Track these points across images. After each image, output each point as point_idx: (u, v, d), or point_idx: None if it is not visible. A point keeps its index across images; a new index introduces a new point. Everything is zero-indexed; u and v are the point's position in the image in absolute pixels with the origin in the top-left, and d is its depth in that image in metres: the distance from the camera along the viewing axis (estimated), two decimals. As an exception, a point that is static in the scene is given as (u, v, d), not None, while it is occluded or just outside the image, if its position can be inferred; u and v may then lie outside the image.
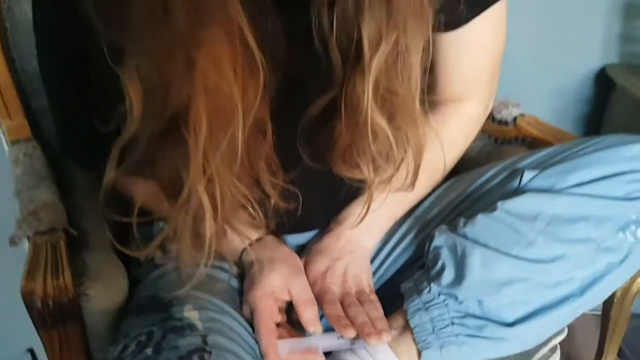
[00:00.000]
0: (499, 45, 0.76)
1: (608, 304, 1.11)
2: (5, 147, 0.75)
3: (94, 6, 0.48)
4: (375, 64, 0.56)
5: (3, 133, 0.74)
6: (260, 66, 0.53)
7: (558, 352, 0.89)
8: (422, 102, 0.63)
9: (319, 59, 0.59)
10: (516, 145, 0.86)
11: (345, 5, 0.54)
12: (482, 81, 0.78)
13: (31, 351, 1.25)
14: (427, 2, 0.56)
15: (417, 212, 0.78)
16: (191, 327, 0.58)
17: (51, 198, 0.65)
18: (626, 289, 1.08)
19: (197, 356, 0.53)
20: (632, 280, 1.06)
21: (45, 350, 0.60)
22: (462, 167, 0.84)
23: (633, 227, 0.63)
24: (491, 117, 0.90)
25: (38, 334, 0.58)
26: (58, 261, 0.57)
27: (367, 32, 0.55)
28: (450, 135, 0.77)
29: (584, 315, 0.67)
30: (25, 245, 0.63)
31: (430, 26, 0.59)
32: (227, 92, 0.52)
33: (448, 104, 0.78)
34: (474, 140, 0.88)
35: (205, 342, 0.56)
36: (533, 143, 0.84)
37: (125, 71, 0.50)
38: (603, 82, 1.20)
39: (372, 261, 0.78)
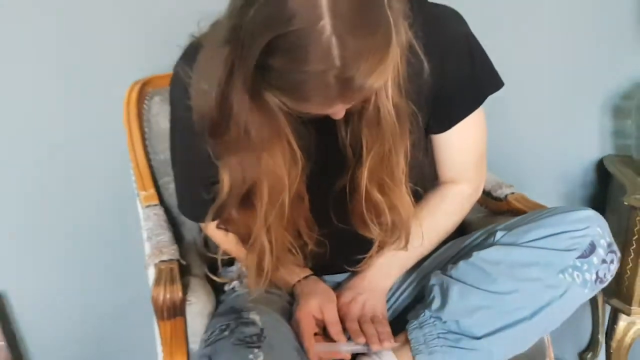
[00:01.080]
0: (480, 141, 1.02)
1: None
2: (140, 209, 1.12)
3: (207, 135, 0.80)
4: (370, 161, 0.85)
5: (140, 200, 1.11)
6: (299, 159, 0.85)
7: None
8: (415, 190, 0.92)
9: (339, 152, 0.90)
10: (507, 215, 1.11)
11: (353, 125, 0.85)
12: (470, 169, 1.03)
13: None
14: (405, 124, 0.84)
15: (423, 264, 1.06)
16: (254, 323, 0.87)
17: (169, 241, 0.99)
18: (620, 341, 1.27)
19: (256, 337, 0.83)
20: (625, 333, 1.26)
21: (160, 338, 0.92)
22: (465, 230, 1.11)
23: (570, 270, 0.88)
24: (489, 195, 1.17)
25: (157, 325, 0.91)
26: (173, 279, 0.90)
27: (366, 141, 0.85)
28: (446, 207, 1.03)
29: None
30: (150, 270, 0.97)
31: (408, 137, 0.86)
32: (280, 175, 0.84)
33: (446, 185, 1.04)
34: (476, 212, 1.16)
35: (262, 332, 0.85)
36: (519, 214, 1.08)
37: (221, 165, 0.84)
38: (603, 170, 1.43)
39: (389, 298, 1.05)
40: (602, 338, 1.39)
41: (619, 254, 0.92)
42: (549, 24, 1.40)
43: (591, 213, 0.91)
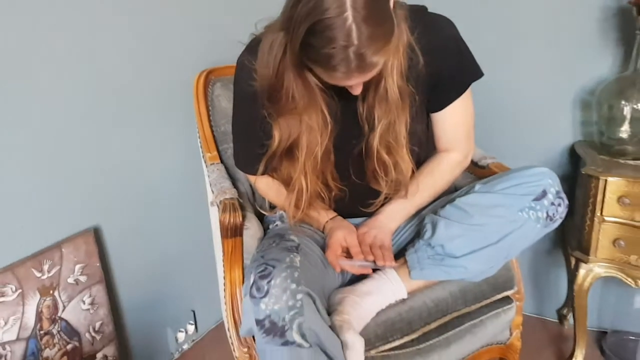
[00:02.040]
0: (468, 119, 1.31)
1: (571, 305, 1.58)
2: (204, 166, 1.47)
3: (265, 98, 1.14)
4: (380, 128, 1.17)
5: (205, 160, 1.46)
6: (329, 123, 1.17)
7: (514, 308, 1.39)
8: (412, 150, 1.24)
9: (356, 124, 1.21)
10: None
11: (368, 102, 1.16)
12: (460, 140, 1.32)
13: (193, 311, 1.86)
14: (406, 101, 1.15)
15: (421, 213, 1.35)
16: (292, 240, 1.20)
17: (230, 186, 1.33)
18: (580, 285, 1.56)
19: (294, 247, 1.15)
20: (584, 278, 1.55)
21: (223, 254, 1.25)
22: (457, 189, 1.41)
23: (527, 210, 1.17)
24: (476, 164, 1.47)
25: (222, 242, 1.24)
26: (235, 208, 1.23)
27: (377, 114, 1.17)
28: (441, 168, 1.33)
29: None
30: (213, 208, 1.31)
31: (408, 111, 1.17)
32: (315, 133, 1.17)
33: (441, 152, 1.34)
34: (465, 177, 1.47)
35: (298, 245, 1.18)
36: (496, 177, 1.39)
37: (274, 124, 1.17)
38: (574, 153, 1.71)
39: (395, 236, 1.35)
40: (570, 293, 1.64)
41: (566, 201, 1.21)
42: (531, 33, 1.70)
43: (544, 169, 1.20)
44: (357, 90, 1.10)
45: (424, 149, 1.35)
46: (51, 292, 1.32)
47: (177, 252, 1.70)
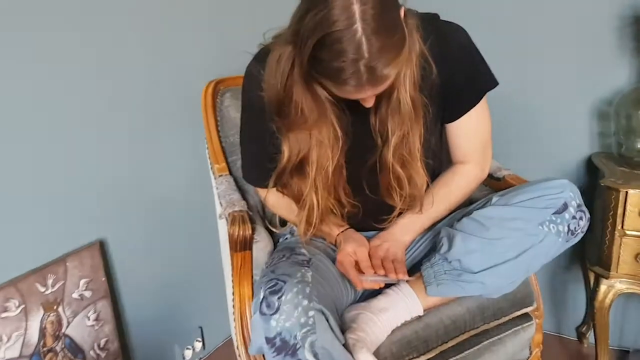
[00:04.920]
0: (484, 130, 1.26)
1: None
2: (212, 178, 1.43)
3: (274, 113, 1.10)
4: (393, 141, 1.13)
5: (214, 171, 1.42)
6: (340, 137, 1.13)
7: (534, 325, 1.34)
8: (427, 163, 1.19)
9: (369, 137, 1.17)
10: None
11: (381, 114, 1.12)
12: (476, 152, 1.27)
13: (201, 328, 1.81)
14: (420, 113, 1.11)
15: (436, 226, 1.32)
16: (304, 254, 1.16)
17: (239, 199, 1.29)
18: (601, 302, 1.51)
19: (306, 261, 1.11)
20: (605, 295, 1.50)
21: (232, 268, 1.21)
22: (471, 203, 1.37)
23: (547, 223, 1.12)
24: (491, 176, 1.43)
25: (231, 256, 1.20)
26: (245, 221, 1.20)
27: (390, 126, 1.12)
28: (457, 181, 1.29)
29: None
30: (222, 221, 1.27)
31: (422, 123, 1.13)
32: (325, 148, 1.13)
33: (457, 165, 1.29)
34: (481, 190, 1.43)
35: (310, 259, 1.14)
36: (512, 189, 1.35)
37: (283, 139, 1.14)
38: (592, 165, 1.66)
39: (409, 250, 1.31)
40: (591, 310, 1.60)
41: (587, 215, 1.17)
42: (547, 43, 1.67)
43: (565, 181, 1.16)
44: (369, 103, 1.07)
45: (439, 161, 1.32)
46: (55, 307, 1.29)
47: (185, 267, 1.66)
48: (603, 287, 1.49)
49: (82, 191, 1.35)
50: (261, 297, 1.02)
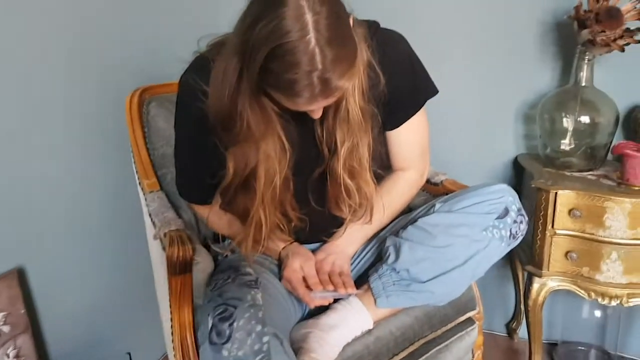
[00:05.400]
0: (423, 137, 1.27)
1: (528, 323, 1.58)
2: (141, 195, 1.33)
3: (218, 127, 1.03)
4: (342, 152, 1.10)
5: (143, 187, 1.32)
6: (287, 149, 1.09)
7: (476, 328, 1.36)
8: (376, 173, 1.18)
9: (316, 149, 1.14)
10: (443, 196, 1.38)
11: (327, 123, 1.09)
12: (415, 158, 1.28)
13: (129, 354, 1.68)
14: (368, 122, 1.09)
15: (380, 234, 1.30)
16: (250, 274, 1.09)
17: (175, 216, 1.20)
18: (535, 300, 1.55)
19: (253, 282, 1.05)
20: (538, 293, 1.54)
21: (170, 293, 1.12)
22: (412, 210, 1.37)
23: (491, 228, 1.13)
24: (429, 182, 1.43)
25: (169, 280, 1.11)
26: (184, 241, 1.11)
27: (339, 136, 1.09)
28: (399, 188, 1.28)
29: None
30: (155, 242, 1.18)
31: (371, 132, 1.11)
32: (273, 162, 1.08)
33: (397, 171, 1.29)
34: (419, 195, 1.42)
35: (257, 279, 1.08)
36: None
37: (228, 154, 1.07)
38: (518, 166, 1.72)
39: (354, 260, 1.29)
40: (524, 308, 1.65)
41: (526, 218, 1.19)
42: (472, 49, 1.71)
43: (504, 186, 1.18)
44: (317, 114, 1.04)
45: (387, 171, 1.29)
46: (-32, 348, 1.15)
47: (114, 293, 1.55)
48: (536, 286, 1.53)
49: (-5, 215, 1.22)
50: (210, 325, 0.95)
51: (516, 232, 1.17)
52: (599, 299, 1.47)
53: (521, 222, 1.18)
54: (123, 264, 1.56)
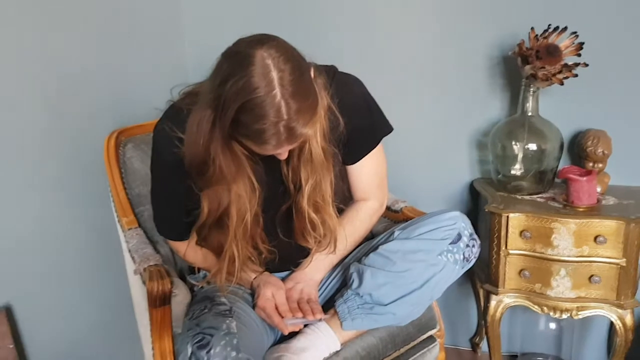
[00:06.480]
0: (381, 169, 1.37)
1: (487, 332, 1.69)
2: (120, 232, 1.41)
3: (193, 171, 1.12)
4: (307, 188, 1.20)
5: (122, 225, 1.40)
6: (257, 188, 1.18)
7: (437, 345, 1.46)
8: (338, 207, 1.29)
9: (282, 186, 1.24)
10: (403, 222, 1.49)
11: (293, 163, 1.19)
12: (374, 189, 1.38)
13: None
14: (330, 161, 1.20)
15: (344, 261, 1.39)
16: (224, 304, 1.19)
17: (153, 252, 1.29)
18: (492, 316, 1.66)
19: (227, 311, 1.14)
20: (495, 309, 1.66)
21: (151, 324, 1.20)
22: (374, 237, 1.47)
23: (445, 253, 1.24)
24: (389, 209, 1.53)
25: (150, 312, 1.20)
26: (163, 276, 1.19)
27: (303, 175, 1.19)
28: (360, 217, 1.38)
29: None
30: (135, 277, 1.26)
31: (332, 170, 1.21)
32: (244, 201, 1.17)
33: (358, 202, 1.39)
34: (381, 222, 1.53)
35: (231, 308, 1.17)
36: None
37: (203, 195, 1.16)
38: (474, 190, 1.84)
39: (321, 286, 1.38)
40: (484, 323, 1.75)
41: (479, 241, 1.31)
42: (426, 83, 1.83)
43: (457, 213, 1.29)
44: (283, 156, 1.14)
45: (348, 205, 1.39)
46: (-40, 384, 1.21)
47: (97, 326, 1.61)
48: (493, 303, 1.64)
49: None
50: (189, 352, 1.03)
51: (469, 255, 1.28)
52: (551, 313, 1.59)
53: (473, 245, 1.29)
54: (105, 298, 1.63)
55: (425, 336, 1.41)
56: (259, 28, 1.09)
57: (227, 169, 1.11)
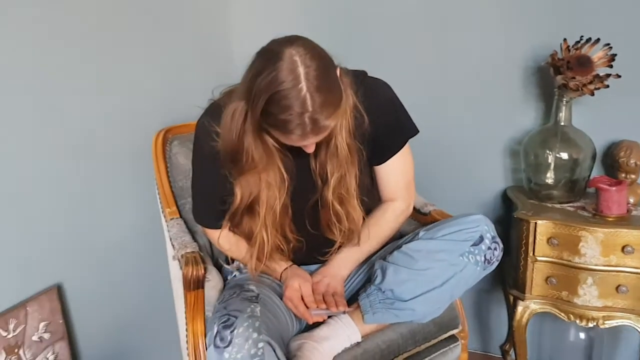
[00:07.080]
0: (409, 169, 1.43)
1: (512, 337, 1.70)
2: (163, 221, 1.53)
3: (227, 161, 1.22)
4: (332, 182, 1.28)
5: (165, 215, 1.52)
6: (286, 179, 1.27)
7: (459, 346, 1.49)
8: (362, 200, 1.35)
9: (310, 179, 1.32)
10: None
11: (320, 157, 1.27)
12: (401, 190, 1.43)
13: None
14: (355, 156, 1.27)
15: (371, 260, 1.45)
16: (252, 290, 1.28)
17: (191, 240, 1.40)
18: (519, 321, 1.68)
19: (254, 297, 1.23)
20: (522, 315, 1.68)
21: (185, 306, 1.30)
22: (402, 235, 1.52)
23: (467, 254, 1.28)
24: (419, 211, 1.58)
25: (184, 295, 1.29)
26: (197, 262, 1.29)
27: (329, 169, 1.27)
28: (387, 218, 1.44)
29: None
30: (174, 262, 1.37)
31: (357, 165, 1.29)
32: (273, 190, 1.26)
33: (386, 202, 1.45)
34: (409, 224, 1.58)
35: (257, 295, 1.25)
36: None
37: (235, 183, 1.26)
38: (507, 198, 1.87)
39: (347, 281, 1.44)
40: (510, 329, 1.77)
41: (501, 245, 1.33)
42: (463, 92, 1.87)
43: (480, 216, 1.33)
44: (310, 149, 1.22)
45: (372, 198, 1.46)
46: (16, 350, 1.34)
47: (138, 306, 1.73)
48: (520, 308, 1.66)
49: (40, 237, 1.42)
50: (215, 331, 1.12)
51: (490, 257, 1.31)
52: (577, 321, 1.60)
53: (495, 248, 1.32)
54: (148, 282, 1.75)
55: (446, 335, 1.45)
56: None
57: (259, 159, 1.20)
